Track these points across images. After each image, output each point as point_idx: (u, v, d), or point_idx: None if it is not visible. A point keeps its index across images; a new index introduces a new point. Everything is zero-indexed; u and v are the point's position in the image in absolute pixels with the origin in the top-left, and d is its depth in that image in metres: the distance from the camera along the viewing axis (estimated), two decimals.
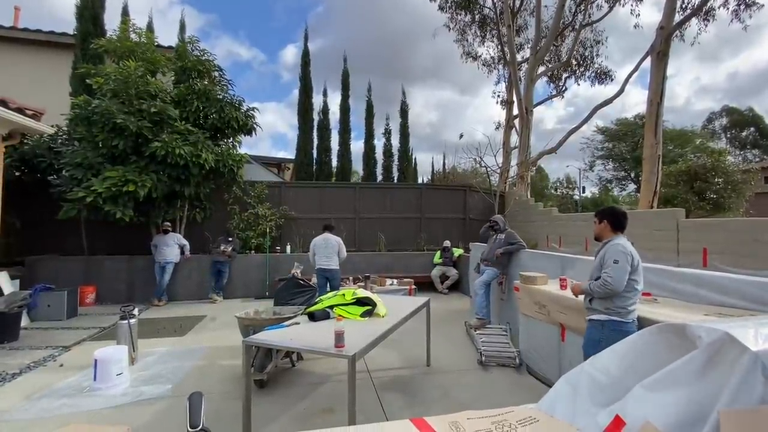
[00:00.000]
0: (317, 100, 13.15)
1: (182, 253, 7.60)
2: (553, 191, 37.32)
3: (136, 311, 4.38)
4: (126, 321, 4.14)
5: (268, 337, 2.87)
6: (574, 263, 4.29)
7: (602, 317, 2.72)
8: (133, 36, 7.92)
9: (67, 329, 5.70)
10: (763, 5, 10.28)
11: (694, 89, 67.28)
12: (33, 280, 6.89)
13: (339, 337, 2.59)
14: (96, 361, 3.58)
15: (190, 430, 0.83)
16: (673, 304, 3.02)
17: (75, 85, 8.57)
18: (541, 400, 1.32)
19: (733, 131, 41.33)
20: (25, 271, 7.12)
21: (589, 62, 15.66)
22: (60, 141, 7.61)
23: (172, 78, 8.43)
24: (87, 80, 7.41)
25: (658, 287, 3.28)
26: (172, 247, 7.40)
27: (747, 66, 60.40)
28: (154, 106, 6.96)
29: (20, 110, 5.33)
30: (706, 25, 10.43)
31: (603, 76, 15.77)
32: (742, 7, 10.37)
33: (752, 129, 41.08)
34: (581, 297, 2.98)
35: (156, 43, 8.47)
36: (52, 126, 7.69)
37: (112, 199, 6.61)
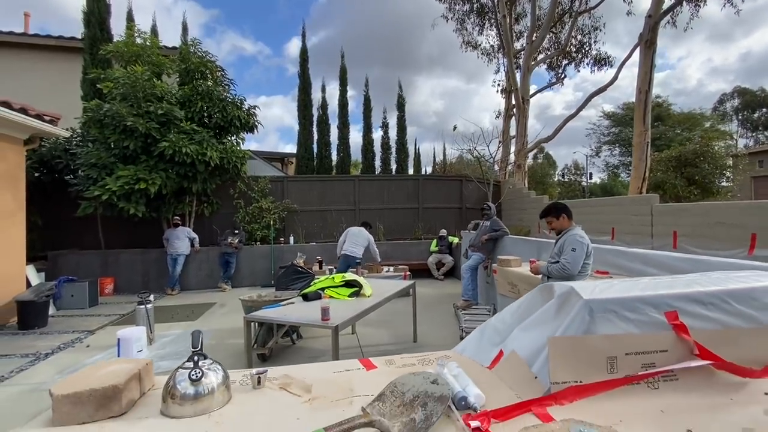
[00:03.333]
0: (317, 96, 13.49)
1: (192, 245, 8.11)
2: (560, 178, 37.23)
3: (151, 297, 4.87)
4: (143, 306, 4.64)
5: (266, 313, 3.32)
6: (549, 247, 4.65)
7: None
8: (138, 40, 8.34)
9: (89, 316, 6.25)
10: None
11: (706, 71, 65.83)
12: (56, 273, 7.47)
13: (325, 312, 3.03)
14: (119, 339, 4.07)
15: (192, 350, 1.27)
16: (595, 281, 3.41)
17: (86, 89, 9.05)
18: (457, 346, 1.73)
19: (745, 113, 40.60)
20: (49, 264, 7.70)
21: (587, 49, 15.72)
22: (74, 143, 8.11)
23: (177, 79, 8.87)
24: (98, 85, 7.87)
25: (614, 266, 3.66)
26: (182, 240, 7.91)
27: (760, 45, 58.87)
28: (161, 108, 7.40)
29: (39, 116, 5.80)
30: (698, 10, 10.49)
31: (602, 62, 15.79)
32: None
33: (764, 110, 40.28)
34: (539, 276, 3.38)
35: (160, 45, 8.89)
36: (67, 129, 8.22)
37: (126, 196, 7.12)
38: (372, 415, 1.09)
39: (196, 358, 1.23)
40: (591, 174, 31.91)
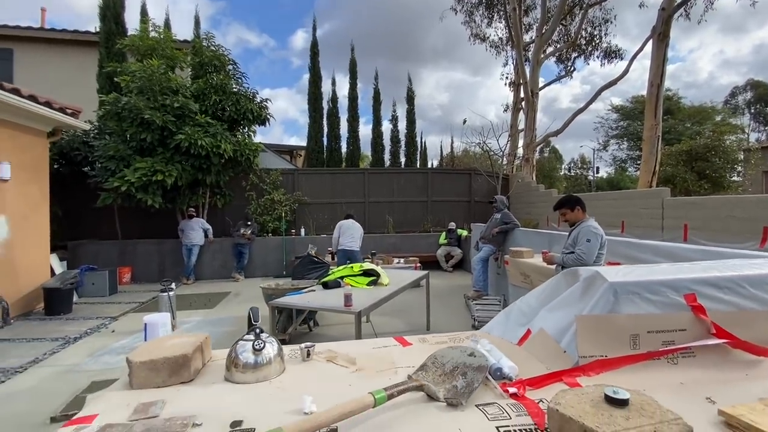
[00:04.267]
0: (326, 89, 13.55)
1: (206, 236, 8.29)
2: (567, 172, 37.04)
3: (173, 285, 5.04)
4: (166, 293, 4.81)
5: (290, 299, 3.47)
6: (560, 239, 4.75)
7: None
8: (153, 34, 8.45)
9: (110, 303, 6.46)
10: None
11: (717, 63, 64.70)
12: (75, 262, 7.69)
13: (348, 298, 3.16)
14: (146, 324, 4.23)
15: (253, 323, 1.40)
16: (620, 267, 3.50)
17: (102, 83, 9.20)
18: (484, 326, 1.85)
19: (758, 106, 39.96)
20: (69, 254, 7.92)
21: (597, 41, 15.58)
22: (92, 135, 8.28)
23: (190, 73, 8.98)
24: (115, 78, 8.01)
25: (627, 257, 3.75)
26: (197, 231, 8.08)
27: None
28: (176, 101, 7.53)
29: (62, 109, 5.95)
30: (712, 3, 10.39)
31: (612, 55, 15.66)
32: None
33: None
34: (553, 266, 3.48)
35: (174, 39, 9.00)
36: (85, 122, 8.39)
37: (143, 187, 7.29)
38: (421, 380, 1.21)
39: (258, 330, 1.36)
40: (598, 168, 31.76)
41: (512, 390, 1.21)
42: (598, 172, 32.32)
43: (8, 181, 5.36)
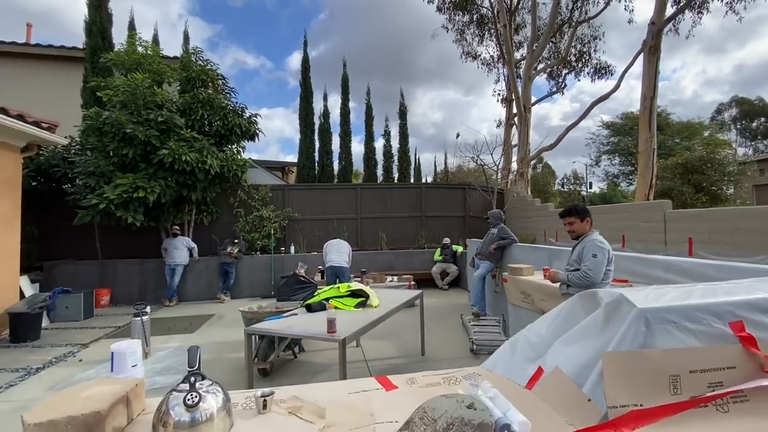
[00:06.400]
0: (318, 105, 13.47)
1: (191, 255, 7.93)
2: (560, 188, 37.22)
3: (148, 309, 4.66)
4: (139, 318, 4.43)
5: (268, 325, 3.13)
6: (560, 254, 4.49)
7: None
8: (140, 49, 8.29)
9: (84, 329, 6.03)
10: None
11: (700, 82, 66.68)
12: (51, 283, 7.27)
13: (331, 324, 2.84)
14: (113, 353, 3.82)
15: (189, 369, 1.09)
16: (645, 288, 3.22)
17: (86, 98, 8.96)
18: (486, 361, 1.55)
19: (743, 122, 40.84)
20: (44, 275, 7.50)
21: (587, 58, 15.75)
22: (73, 151, 7.98)
23: (178, 87, 8.79)
24: (97, 93, 7.78)
25: (634, 273, 3.47)
26: (181, 250, 7.72)
27: (753, 57, 59.74)
28: (161, 116, 7.29)
29: (37, 123, 5.68)
30: (700, 18, 10.51)
31: (602, 71, 15.83)
32: None
33: (762, 119, 40.52)
34: (557, 284, 3.19)
35: (161, 54, 8.84)
36: (66, 137, 8.10)
37: (124, 204, 6.96)
38: None
39: (192, 379, 1.06)
40: (591, 183, 31.87)
41: None
42: (591, 188, 32.43)
43: None
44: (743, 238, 4.44)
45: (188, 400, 1.01)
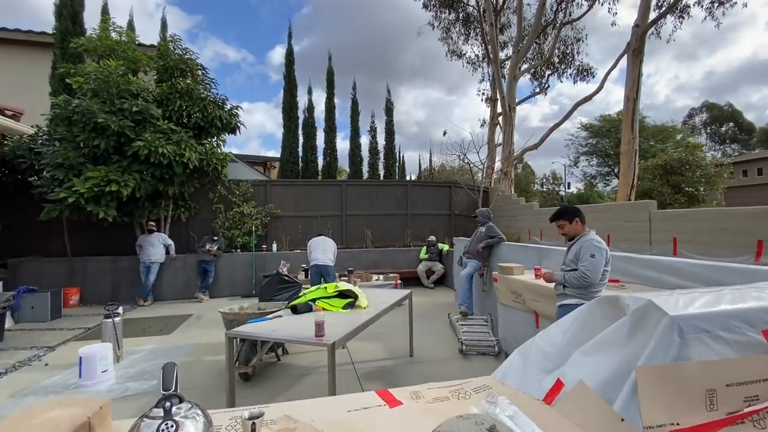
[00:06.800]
0: (303, 99, 13.17)
1: (167, 252, 7.58)
2: (539, 187, 37.93)
3: (120, 310, 4.38)
4: (110, 319, 4.16)
5: (250, 329, 2.95)
6: (549, 254, 4.46)
7: (573, 301, 2.87)
8: (113, 35, 7.85)
9: (51, 330, 5.67)
10: (735, 2, 10.60)
11: (673, 87, 69.23)
12: (16, 282, 6.83)
13: (319, 327, 2.68)
14: (81, 358, 3.60)
15: (163, 392, 0.93)
16: (637, 288, 3.19)
17: (55, 85, 8.44)
18: (496, 371, 1.43)
19: (713, 126, 42.59)
20: (8, 273, 7.04)
21: (570, 59, 15.97)
22: (40, 141, 7.49)
23: (155, 77, 8.38)
24: (67, 80, 7.33)
25: (625, 274, 3.45)
26: (157, 247, 7.37)
27: (723, 65, 62.39)
28: (135, 105, 6.92)
29: (0, 110, 5.28)
30: (681, 23, 10.76)
31: (584, 73, 16.08)
32: (715, 4, 10.69)
33: (731, 124, 42.35)
34: (552, 284, 3.12)
35: (138, 42, 8.42)
36: (33, 126, 7.61)
37: (95, 199, 6.58)
38: None
39: (168, 404, 0.89)
40: (569, 183, 32.58)
41: None
42: (569, 188, 33.14)
43: None
44: (726, 239, 4.50)
45: (163, 429, 0.85)
